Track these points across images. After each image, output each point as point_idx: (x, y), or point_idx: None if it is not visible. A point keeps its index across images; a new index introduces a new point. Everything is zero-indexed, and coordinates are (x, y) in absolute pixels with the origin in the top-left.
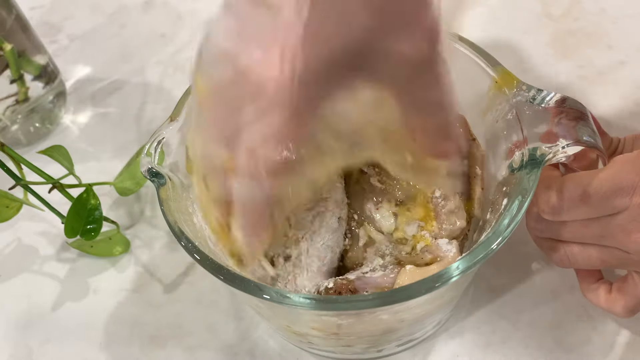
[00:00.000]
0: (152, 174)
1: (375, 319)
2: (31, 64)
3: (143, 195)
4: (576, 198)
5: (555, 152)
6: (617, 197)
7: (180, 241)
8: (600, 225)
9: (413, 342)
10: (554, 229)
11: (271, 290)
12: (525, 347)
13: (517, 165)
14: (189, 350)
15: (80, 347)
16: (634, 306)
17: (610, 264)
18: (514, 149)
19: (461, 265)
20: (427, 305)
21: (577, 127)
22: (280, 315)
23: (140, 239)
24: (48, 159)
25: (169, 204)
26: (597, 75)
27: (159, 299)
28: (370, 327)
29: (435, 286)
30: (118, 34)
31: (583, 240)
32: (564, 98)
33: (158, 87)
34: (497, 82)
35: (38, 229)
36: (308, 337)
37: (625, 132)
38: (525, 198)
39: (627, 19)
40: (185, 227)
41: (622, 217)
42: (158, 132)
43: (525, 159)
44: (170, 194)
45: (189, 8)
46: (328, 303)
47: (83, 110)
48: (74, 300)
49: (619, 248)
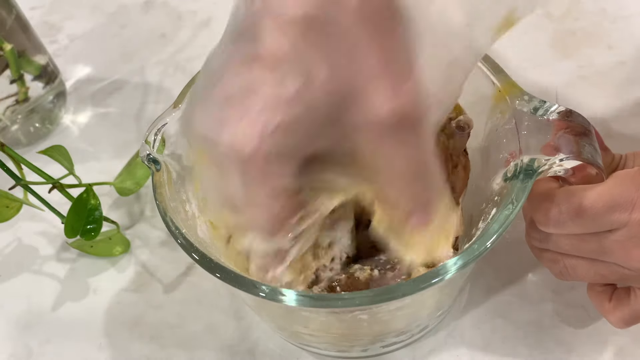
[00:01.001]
0: (149, 161)
1: (372, 316)
2: (31, 64)
3: (143, 195)
4: (572, 211)
5: (551, 165)
6: (615, 212)
7: (169, 228)
8: (598, 241)
9: (414, 337)
10: (552, 241)
11: (266, 287)
12: (525, 347)
13: (511, 175)
14: (189, 350)
15: (80, 347)
16: (629, 319)
17: (609, 279)
18: (510, 159)
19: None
20: (426, 300)
21: (579, 142)
22: (279, 314)
23: (141, 239)
24: (48, 159)
25: (161, 190)
26: (597, 75)
27: (159, 299)
28: (368, 324)
29: (433, 282)
30: (118, 34)
31: (582, 254)
32: (568, 111)
33: (158, 87)
34: (499, 91)
35: (38, 229)
36: (308, 337)
37: (625, 133)
38: (515, 207)
39: (627, 19)
40: (178, 220)
41: (621, 233)
42: (159, 119)
43: (519, 169)
44: (165, 179)
45: (189, 8)
46: (324, 301)
47: (83, 110)
48: (74, 300)
49: (618, 264)
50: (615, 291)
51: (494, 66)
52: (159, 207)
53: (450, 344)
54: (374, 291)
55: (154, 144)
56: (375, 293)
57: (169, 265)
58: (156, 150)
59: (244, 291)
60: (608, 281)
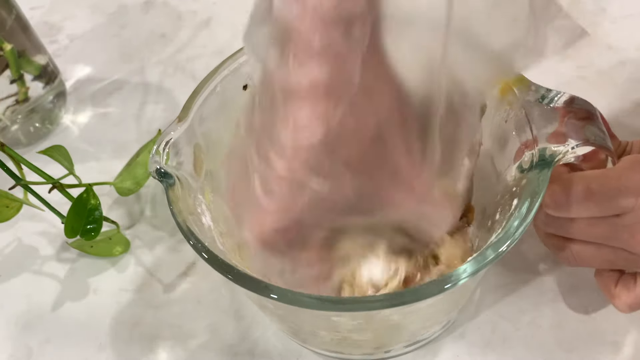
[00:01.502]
0: (160, 174)
1: (383, 319)
2: (31, 64)
3: (143, 195)
4: (580, 194)
5: (565, 153)
6: (623, 196)
7: (189, 240)
8: (606, 225)
9: (420, 342)
10: (560, 225)
11: (281, 290)
12: (526, 347)
13: (527, 166)
14: (189, 350)
15: (80, 347)
16: (635, 304)
17: (616, 264)
18: (524, 149)
19: (469, 268)
20: (437, 305)
21: (585, 127)
22: (292, 315)
23: (141, 239)
24: (48, 159)
25: (178, 204)
26: (596, 75)
27: (159, 299)
28: (378, 327)
29: (445, 288)
30: (118, 34)
31: (589, 239)
32: (572, 98)
33: (158, 87)
34: (506, 82)
35: (38, 229)
36: (317, 338)
37: (626, 133)
38: (536, 199)
39: (627, 19)
40: (194, 227)
41: (628, 218)
42: (166, 133)
43: (535, 160)
44: (179, 194)
45: (189, 8)
46: (337, 304)
47: (83, 110)
48: (74, 300)
49: (625, 249)
50: (622, 276)
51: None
52: (181, 225)
53: (450, 344)
54: (390, 295)
55: (162, 157)
56: (391, 297)
57: (169, 265)
58: (165, 163)
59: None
60: (615, 267)
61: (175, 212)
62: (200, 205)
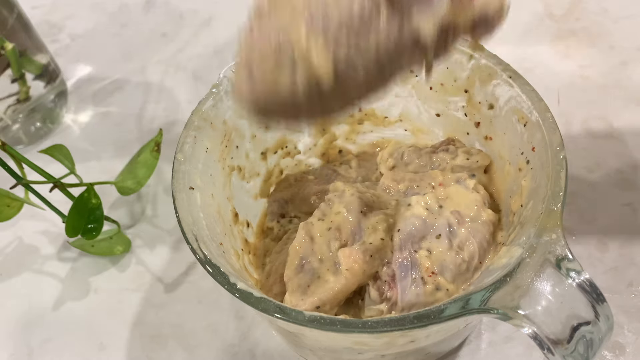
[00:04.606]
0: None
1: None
2: (32, 63)
3: (144, 195)
4: None
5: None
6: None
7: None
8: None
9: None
10: None
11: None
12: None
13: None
14: (190, 350)
15: (81, 346)
16: None
17: None
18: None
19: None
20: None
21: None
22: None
23: (141, 238)
24: (49, 158)
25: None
26: (598, 75)
27: (160, 299)
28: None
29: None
30: (119, 34)
31: None
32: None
33: (159, 86)
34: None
35: (39, 228)
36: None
37: (626, 134)
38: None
39: (629, 19)
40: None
41: None
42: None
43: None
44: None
45: (190, 7)
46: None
47: (84, 110)
48: (74, 300)
49: None
50: None
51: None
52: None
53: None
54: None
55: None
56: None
57: (170, 264)
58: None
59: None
60: None
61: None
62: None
